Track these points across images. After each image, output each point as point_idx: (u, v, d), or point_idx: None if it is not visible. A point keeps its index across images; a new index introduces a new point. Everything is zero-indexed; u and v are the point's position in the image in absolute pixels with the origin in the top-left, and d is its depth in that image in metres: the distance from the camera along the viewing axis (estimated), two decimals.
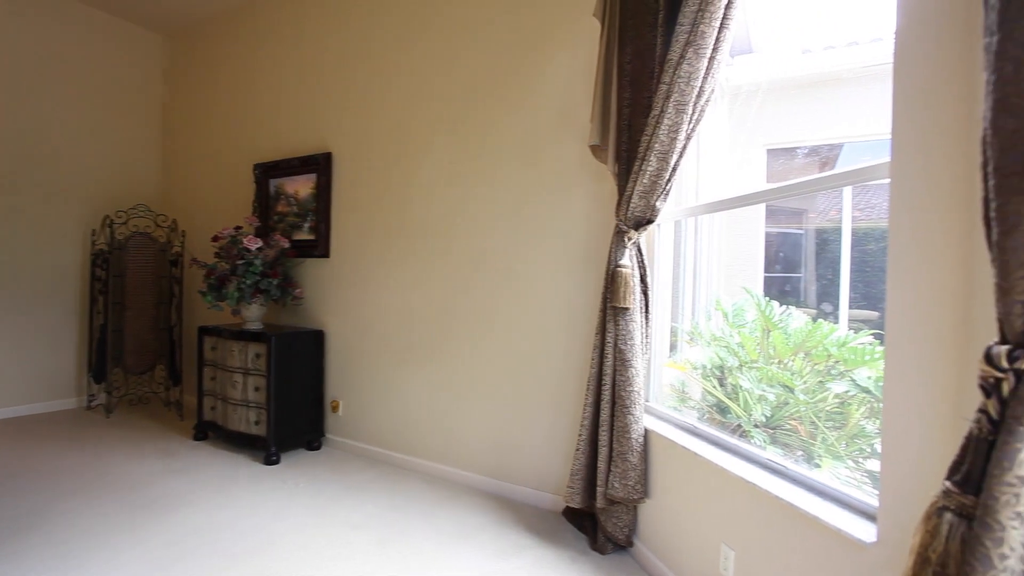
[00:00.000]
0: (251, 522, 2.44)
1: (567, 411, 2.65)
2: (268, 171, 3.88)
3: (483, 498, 2.80)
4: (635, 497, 2.10)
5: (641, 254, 2.15)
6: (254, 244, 3.38)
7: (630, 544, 2.22)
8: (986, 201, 0.75)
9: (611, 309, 2.13)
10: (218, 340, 3.45)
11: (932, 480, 1.12)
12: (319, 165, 3.60)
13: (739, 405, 1.98)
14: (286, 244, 3.56)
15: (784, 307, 2.09)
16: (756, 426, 1.90)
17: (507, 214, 2.87)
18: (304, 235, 3.69)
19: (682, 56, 1.87)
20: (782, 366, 1.93)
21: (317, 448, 3.50)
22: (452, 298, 3.07)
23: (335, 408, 3.55)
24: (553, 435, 2.70)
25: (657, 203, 2.05)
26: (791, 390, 1.87)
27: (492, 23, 2.91)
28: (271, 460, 3.17)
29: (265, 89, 4.00)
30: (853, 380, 1.81)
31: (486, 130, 2.94)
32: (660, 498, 2.09)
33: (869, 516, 1.33)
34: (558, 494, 2.65)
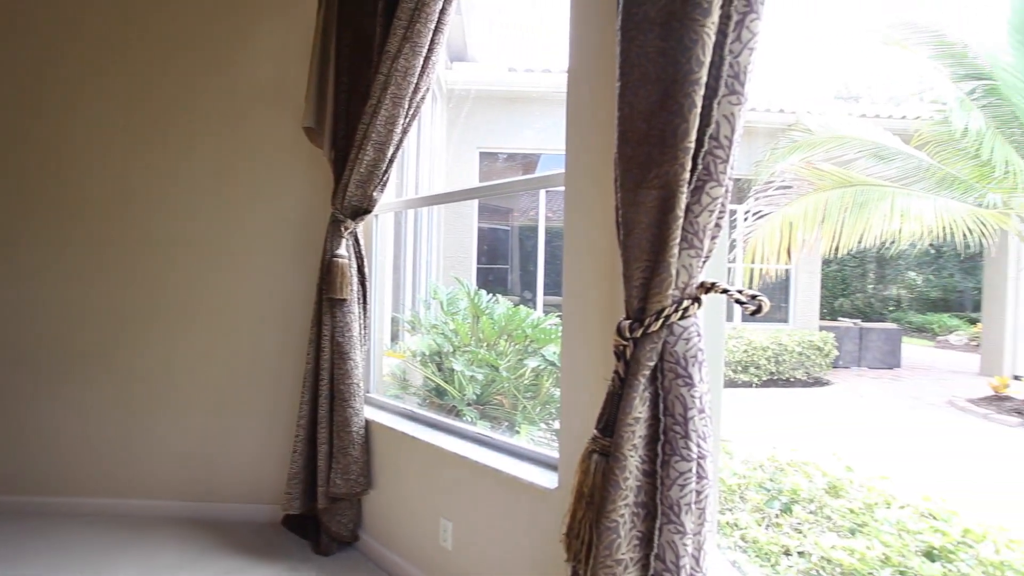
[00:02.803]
0: None
1: (283, 412, 2.44)
2: None
3: (183, 527, 2.37)
4: (358, 490, 2.08)
5: (359, 244, 2.13)
6: None
7: (356, 539, 2.19)
8: (617, 209, 0.96)
9: (327, 300, 2.05)
10: None
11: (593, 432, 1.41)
12: None
13: (454, 387, 2.15)
14: None
15: (492, 295, 2.35)
16: (468, 404, 2.09)
17: (208, 195, 2.47)
18: None
19: (399, 51, 1.89)
20: (489, 348, 2.17)
21: None
22: (135, 294, 2.50)
23: None
24: (267, 440, 2.46)
25: (374, 193, 2.05)
26: (497, 369, 2.12)
27: None
28: None
29: None
30: (543, 356, 2.16)
31: (180, 93, 2.46)
32: (383, 487, 2.11)
33: (553, 467, 1.59)
34: (276, 503, 2.43)
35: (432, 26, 1.90)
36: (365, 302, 2.17)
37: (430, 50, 1.94)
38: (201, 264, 2.49)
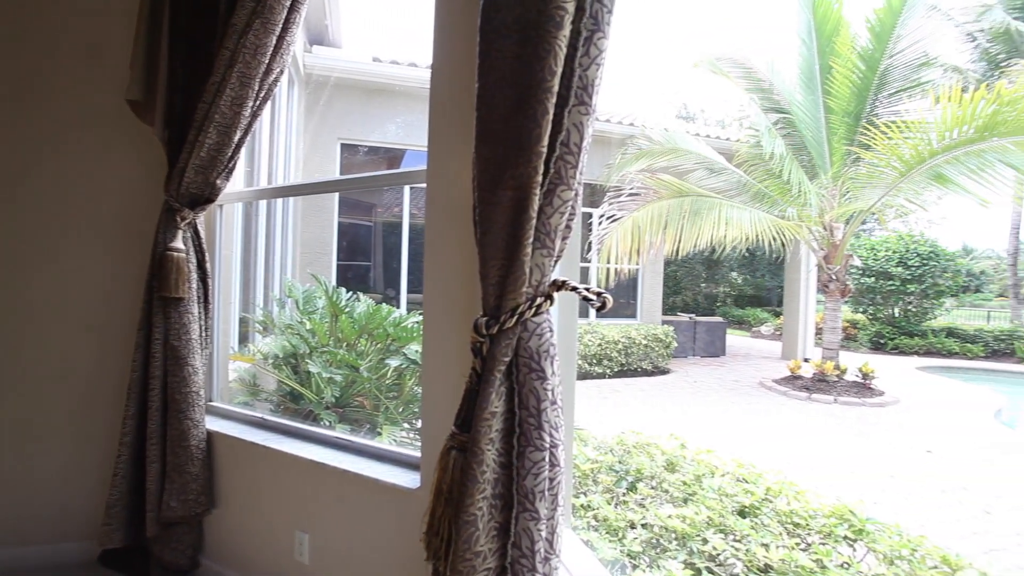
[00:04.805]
0: None
1: (99, 430, 2.10)
2: None
3: None
4: (198, 511, 1.86)
5: (199, 237, 1.90)
6: None
7: (196, 566, 1.97)
8: (474, 209, 0.98)
9: (160, 299, 1.80)
10: None
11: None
12: None
13: (311, 390, 2.03)
14: None
15: (352, 293, 2.25)
16: (327, 408, 1.98)
17: None
18: None
19: (248, 25, 1.72)
20: (349, 348, 2.08)
21: None
22: None
23: None
24: (77, 465, 2.10)
25: (218, 181, 1.85)
26: (357, 369, 2.04)
27: None
28: None
29: None
30: (405, 355, 2.12)
31: None
32: (229, 504, 1.92)
33: (416, 467, 1.58)
34: (91, 539, 2.08)
35: (287, 3, 1.77)
36: (207, 301, 1.95)
37: (285, 29, 1.80)
38: None
